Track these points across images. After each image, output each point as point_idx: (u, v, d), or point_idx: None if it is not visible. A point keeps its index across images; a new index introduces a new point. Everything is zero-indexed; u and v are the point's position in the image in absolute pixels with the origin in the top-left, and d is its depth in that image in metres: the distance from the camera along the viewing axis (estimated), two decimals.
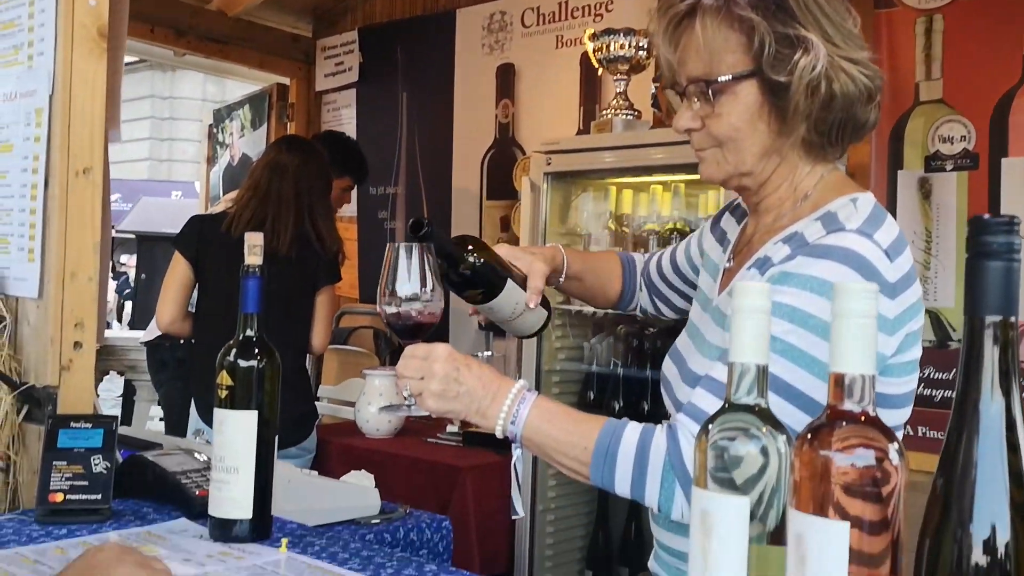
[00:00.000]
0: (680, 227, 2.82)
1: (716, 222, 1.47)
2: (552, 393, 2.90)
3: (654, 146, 2.66)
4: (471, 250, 1.37)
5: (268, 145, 3.84)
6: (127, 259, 12.28)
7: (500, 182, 3.79)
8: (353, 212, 4.32)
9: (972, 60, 2.58)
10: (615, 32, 2.88)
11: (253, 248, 1.36)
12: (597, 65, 3.00)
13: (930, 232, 2.63)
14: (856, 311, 0.71)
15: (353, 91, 4.41)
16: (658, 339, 2.83)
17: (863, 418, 0.71)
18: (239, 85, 5.50)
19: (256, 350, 1.35)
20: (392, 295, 1.24)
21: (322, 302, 2.88)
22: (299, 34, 4.56)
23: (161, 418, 4.35)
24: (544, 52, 3.68)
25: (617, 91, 2.94)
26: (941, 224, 2.62)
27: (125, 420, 4.46)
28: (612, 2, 3.48)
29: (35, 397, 1.66)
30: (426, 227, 1.29)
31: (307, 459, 2.84)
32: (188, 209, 5.80)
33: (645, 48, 2.85)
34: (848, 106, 1.20)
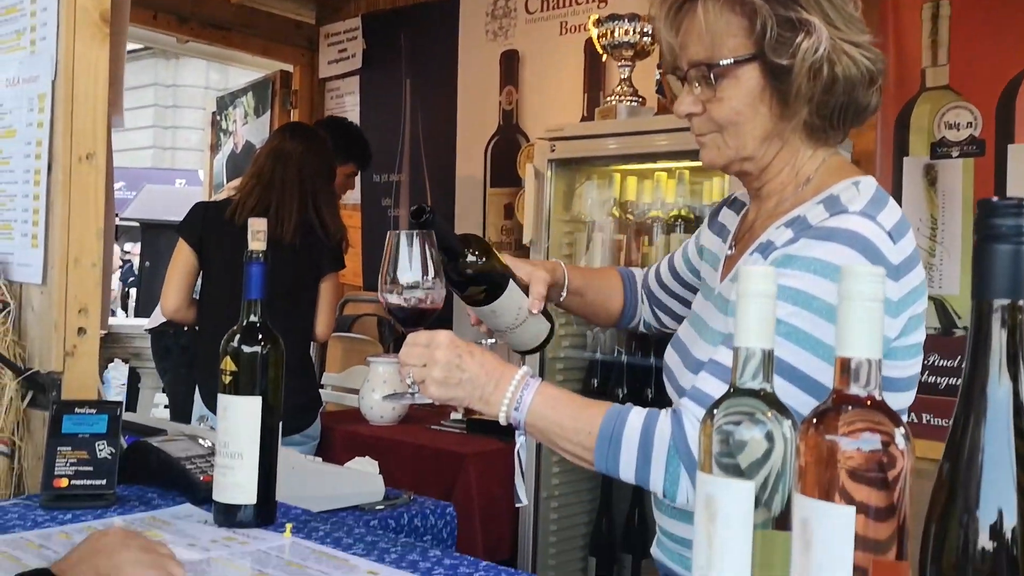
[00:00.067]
0: (684, 214, 2.81)
1: (713, 218, 1.47)
2: (556, 381, 2.90)
3: (658, 133, 2.65)
4: (473, 247, 1.36)
5: (272, 132, 3.84)
6: (131, 247, 12.30)
7: (504, 169, 3.77)
8: (357, 200, 4.31)
9: (979, 46, 2.56)
10: (619, 18, 2.87)
11: (256, 234, 1.36)
12: (601, 51, 2.99)
13: (935, 219, 2.61)
14: (863, 294, 0.70)
15: (356, 78, 4.39)
16: None
17: (869, 402, 0.71)
18: (242, 73, 5.48)
19: (260, 336, 1.35)
20: (393, 283, 1.24)
21: (326, 290, 2.88)
22: (302, 20, 4.54)
23: (166, 405, 4.36)
24: (548, 38, 3.66)
25: (621, 77, 2.92)
26: (947, 211, 2.60)
27: (130, 407, 4.47)
28: None
29: (39, 383, 1.66)
30: (427, 214, 1.28)
31: (311, 446, 2.84)
32: (192, 197, 5.79)
33: (650, 34, 2.83)
34: (850, 89, 1.19)
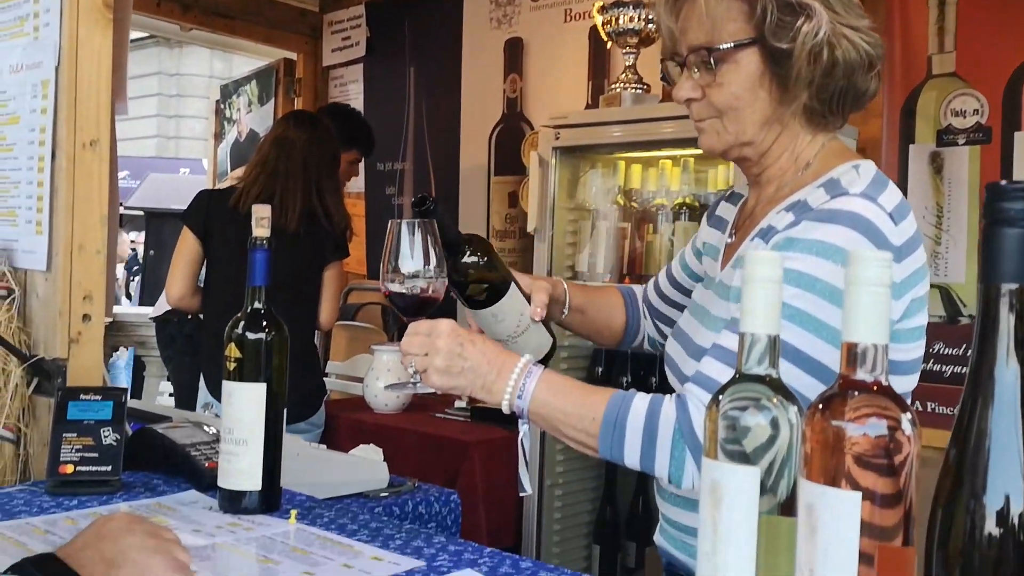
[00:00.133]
0: (689, 202, 2.80)
1: (711, 214, 1.47)
2: (560, 369, 2.89)
3: (663, 120, 2.64)
4: (475, 247, 1.34)
5: (275, 121, 3.84)
6: (136, 236, 12.30)
7: (508, 157, 3.76)
8: (361, 188, 4.30)
9: (985, 33, 2.55)
10: (624, 5, 2.85)
11: (260, 220, 1.36)
12: (606, 38, 2.97)
13: (941, 207, 2.60)
14: (869, 279, 0.70)
15: (360, 66, 4.38)
16: None
17: (876, 388, 0.70)
18: (246, 61, 5.47)
19: (264, 323, 1.35)
20: (395, 272, 1.23)
21: (330, 278, 2.88)
22: (306, 8, 4.52)
23: (171, 393, 4.37)
24: (552, 26, 3.64)
25: (626, 65, 2.91)
26: (953, 199, 2.59)
27: (135, 395, 4.48)
28: None
29: (45, 369, 1.66)
30: (429, 203, 1.27)
31: (316, 434, 2.85)
32: (196, 185, 5.79)
33: (654, 21, 2.81)
34: (850, 73, 1.19)
